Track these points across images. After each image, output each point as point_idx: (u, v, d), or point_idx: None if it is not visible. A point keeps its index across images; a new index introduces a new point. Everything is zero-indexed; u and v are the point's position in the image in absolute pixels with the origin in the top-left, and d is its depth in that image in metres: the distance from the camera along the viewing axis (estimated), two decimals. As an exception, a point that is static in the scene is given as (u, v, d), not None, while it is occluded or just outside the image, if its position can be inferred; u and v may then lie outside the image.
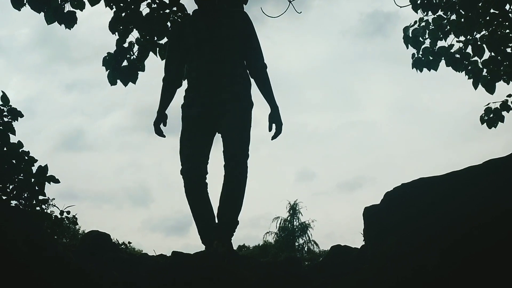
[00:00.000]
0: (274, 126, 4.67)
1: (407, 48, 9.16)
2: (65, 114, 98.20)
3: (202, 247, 4.74)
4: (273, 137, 4.66)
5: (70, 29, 6.85)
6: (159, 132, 4.75)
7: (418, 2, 8.74)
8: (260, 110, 4.87)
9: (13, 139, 6.03)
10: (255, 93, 4.78)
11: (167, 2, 6.94)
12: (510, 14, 8.48)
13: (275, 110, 4.68)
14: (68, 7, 6.84)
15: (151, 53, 7.09)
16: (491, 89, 8.84)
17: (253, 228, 69.53)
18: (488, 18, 8.47)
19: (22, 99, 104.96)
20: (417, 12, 8.85)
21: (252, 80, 4.84)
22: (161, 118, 4.79)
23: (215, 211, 4.64)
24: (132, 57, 7.13)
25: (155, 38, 7.03)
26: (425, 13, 8.89)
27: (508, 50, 8.75)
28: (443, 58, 9.02)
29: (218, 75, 4.57)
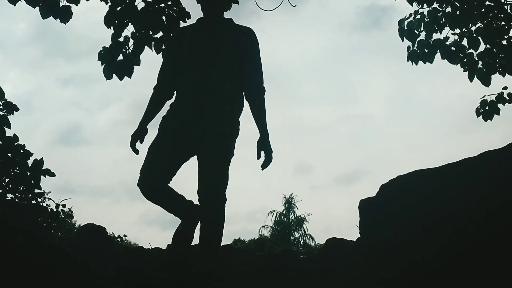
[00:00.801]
0: (263, 154, 4.27)
1: (402, 41, 9.16)
2: (62, 109, 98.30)
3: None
4: (263, 166, 4.26)
5: (65, 24, 6.85)
6: (134, 147, 4.36)
7: (413, -6, 8.74)
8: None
9: (9, 132, 6.05)
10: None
11: (162, -5, 6.94)
12: (505, 6, 8.48)
13: (265, 137, 4.30)
14: (63, 2, 6.84)
15: (146, 47, 7.08)
16: (486, 82, 8.83)
17: (250, 222, 69.53)
18: (483, 10, 8.46)
19: (19, 94, 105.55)
20: (412, 5, 8.86)
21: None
22: (140, 131, 4.39)
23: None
24: (127, 51, 7.12)
25: (150, 32, 7.02)
26: (420, 5, 8.89)
27: (504, 42, 8.74)
28: (438, 50, 9.02)
29: (206, 91, 4.20)
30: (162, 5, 6.99)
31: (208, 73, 4.23)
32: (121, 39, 7.11)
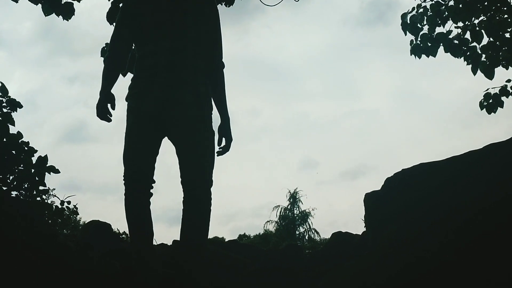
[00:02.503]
0: (224, 140, 3.99)
1: (406, 35, 9.15)
2: (67, 106, 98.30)
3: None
4: (220, 153, 3.97)
5: (68, 20, 6.85)
6: (103, 114, 3.90)
7: (416, -12, 8.76)
8: (263, 98, 4.33)
9: (13, 130, 6.06)
10: (256, 82, 4.23)
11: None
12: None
13: (226, 122, 4.03)
14: (65, -2, 6.84)
15: (149, 43, 7.08)
16: (490, 75, 8.82)
17: (256, 217, 69.21)
18: (486, 3, 8.47)
19: (25, 92, 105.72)
20: (415, -1, 8.87)
21: None
22: (106, 98, 3.91)
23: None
24: (130, 47, 7.13)
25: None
26: (423, -1, 8.90)
27: (507, 35, 8.74)
28: (441, 44, 9.01)
29: (178, 67, 3.88)
30: (165, 0, 6.99)
31: (178, 47, 3.94)
32: (124, 35, 7.12)
